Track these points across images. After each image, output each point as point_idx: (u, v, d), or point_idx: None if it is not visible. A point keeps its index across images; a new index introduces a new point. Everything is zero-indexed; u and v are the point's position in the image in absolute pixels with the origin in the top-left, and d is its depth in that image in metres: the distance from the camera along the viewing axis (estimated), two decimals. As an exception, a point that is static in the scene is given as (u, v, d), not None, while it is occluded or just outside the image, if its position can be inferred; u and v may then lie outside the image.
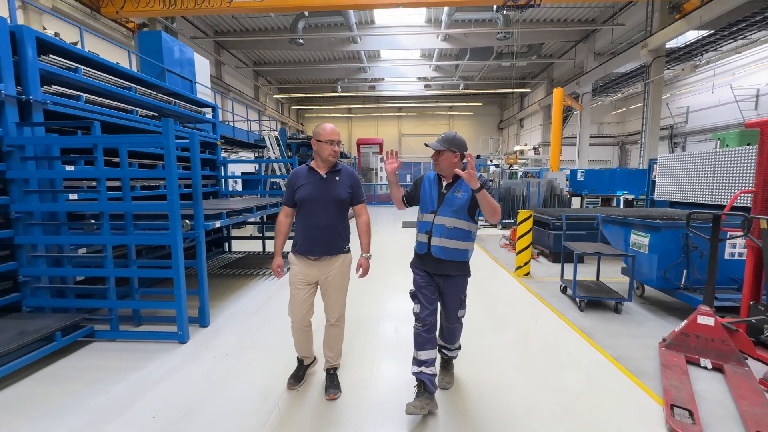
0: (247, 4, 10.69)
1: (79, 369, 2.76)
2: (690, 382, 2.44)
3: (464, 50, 16.48)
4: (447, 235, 2.18)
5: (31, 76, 3.17)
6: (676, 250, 3.53)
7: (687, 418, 2.08)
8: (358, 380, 2.61)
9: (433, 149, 2.19)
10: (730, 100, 14.30)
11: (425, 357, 2.22)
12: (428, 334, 2.24)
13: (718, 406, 2.28)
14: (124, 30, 11.91)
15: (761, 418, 2.06)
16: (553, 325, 3.53)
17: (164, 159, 3.01)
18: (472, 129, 27.25)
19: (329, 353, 2.49)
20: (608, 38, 15.27)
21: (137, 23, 12.26)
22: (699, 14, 10.54)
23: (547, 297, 4.32)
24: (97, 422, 2.16)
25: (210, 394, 2.43)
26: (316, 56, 18.46)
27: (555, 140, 10.28)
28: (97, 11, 10.90)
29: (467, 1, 10.53)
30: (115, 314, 3.23)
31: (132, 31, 12.13)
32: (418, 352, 2.25)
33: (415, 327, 2.29)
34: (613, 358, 2.88)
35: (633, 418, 2.18)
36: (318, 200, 2.27)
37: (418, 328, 2.27)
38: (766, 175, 2.81)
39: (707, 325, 2.71)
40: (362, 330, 3.44)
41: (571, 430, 2.07)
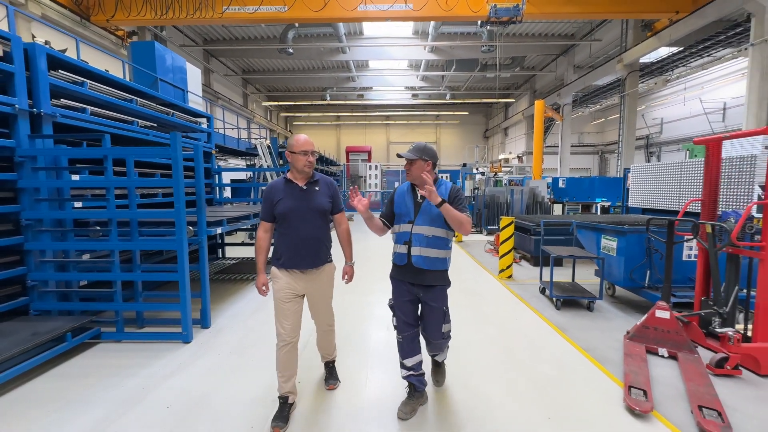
0: (239, 15, 10.95)
1: (91, 367, 2.95)
2: (647, 368, 2.80)
3: (450, 61, 17.06)
4: (426, 244, 2.19)
5: (42, 90, 3.37)
6: (640, 252, 3.93)
7: (641, 396, 2.42)
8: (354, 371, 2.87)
9: (406, 159, 2.23)
10: (699, 112, 15.22)
11: (411, 363, 2.31)
12: (411, 343, 2.30)
13: (670, 388, 2.63)
14: (113, 38, 11.99)
15: (702, 395, 2.42)
16: (532, 322, 3.87)
17: (172, 169, 3.24)
18: (459, 137, 27.93)
19: (325, 351, 2.62)
20: (587, 52, 16.08)
21: (126, 31, 12.35)
22: (668, 32, 11.32)
23: (527, 297, 4.67)
24: (116, 412, 2.36)
25: (218, 386, 2.65)
26: (305, 65, 18.78)
27: (537, 150, 10.80)
28: (87, 19, 10.97)
29: (452, 16, 11.04)
30: (120, 317, 3.42)
31: (122, 39, 12.23)
32: (403, 360, 2.33)
33: (398, 337, 2.34)
34: (582, 349, 3.22)
35: (597, 398, 2.51)
36: (301, 212, 2.26)
37: (399, 339, 2.33)
38: (711, 187, 3.23)
39: (664, 318, 3.08)
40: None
41: (544, 409, 2.38)
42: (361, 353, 3.20)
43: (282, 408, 2.31)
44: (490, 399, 2.49)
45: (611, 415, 2.32)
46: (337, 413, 2.37)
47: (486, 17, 10.72)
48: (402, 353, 2.32)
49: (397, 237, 2.31)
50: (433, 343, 2.35)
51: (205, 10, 10.80)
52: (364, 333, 3.65)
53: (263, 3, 10.67)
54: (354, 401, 2.50)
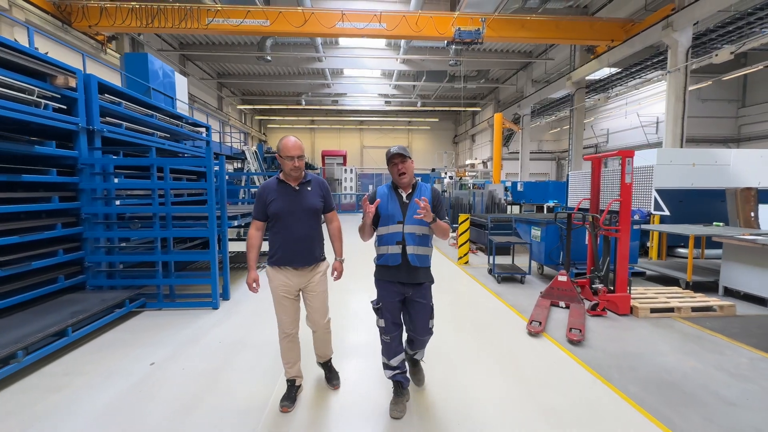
0: (223, 27, 11.82)
1: (147, 325, 3.97)
2: (547, 312, 4.21)
3: (421, 72, 18.59)
4: (418, 243, 2.32)
5: (94, 111, 4.35)
6: (555, 238, 5.40)
7: (537, 325, 3.80)
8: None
9: (399, 156, 2.30)
10: (637, 125, 17.61)
11: (396, 363, 2.42)
12: (395, 342, 2.41)
13: (559, 323, 4.03)
14: (93, 42, 12.48)
15: (575, 323, 3.82)
16: (478, 291, 5.23)
17: (206, 175, 4.32)
18: (430, 142, 29.65)
19: (320, 352, 2.71)
20: (543, 69, 18.12)
21: (106, 36, 12.85)
22: (607, 56, 13.35)
23: (477, 276, 6.05)
24: (184, 347, 3.44)
25: (249, 334, 3.77)
26: (281, 71, 19.67)
27: (496, 157, 12.42)
28: (69, 24, 11.47)
29: (422, 36, 12.48)
30: (160, 290, 4.43)
31: (101, 44, 12.72)
32: (389, 360, 2.43)
33: (383, 339, 2.42)
34: (510, 305, 4.61)
35: (512, 330, 3.86)
36: (294, 212, 2.36)
37: (386, 340, 2.41)
38: (595, 190, 4.73)
39: (563, 281, 4.51)
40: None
41: (479, 338, 3.69)
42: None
43: (290, 390, 2.53)
44: (442, 335, 3.77)
45: (519, 338, 3.68)
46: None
47: (451, 38, 12.24)
48: (388, 354, 2.42)
49: (387, 238, 2.35)
50: (419, 339, 2.47)
51: (190, 21, 11.59)
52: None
53: (247, 17, 11.63)
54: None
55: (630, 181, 4.08)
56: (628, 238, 4.14)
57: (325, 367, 2.78)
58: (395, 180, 2.40)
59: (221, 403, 2.58)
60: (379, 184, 25.09)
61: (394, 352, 2.42)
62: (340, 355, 3.15)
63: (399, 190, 2.41)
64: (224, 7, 11.57)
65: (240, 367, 3.08)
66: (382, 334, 2.44)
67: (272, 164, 11.44)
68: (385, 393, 2.67)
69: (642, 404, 2.56)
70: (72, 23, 11.43)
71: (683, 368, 3.07)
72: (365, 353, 3.32)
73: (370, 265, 2.58)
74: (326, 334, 2.63)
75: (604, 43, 12.94)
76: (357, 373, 2.99)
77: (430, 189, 2.43)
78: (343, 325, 3.94)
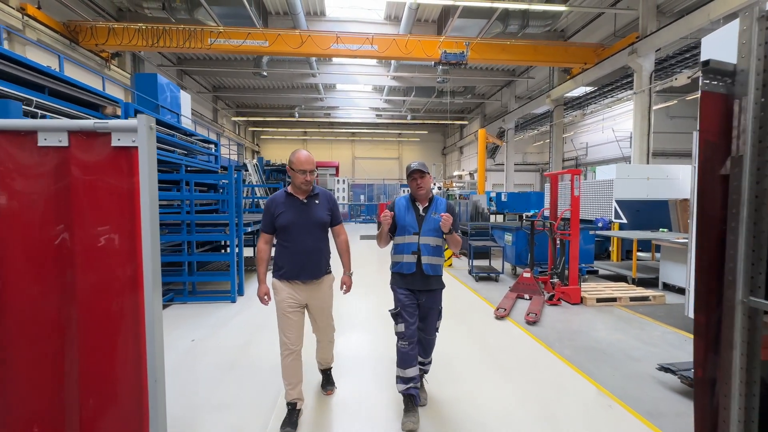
0: (224, 47, 12.76)
1: (179, 315, 4.79)
2: (513, 302, 5.15)
3: (410, 88, 19.79)
4: (432, 253, 2.48)
5: (132, 134, 5.20)
6: (524, 242, 6.38)
7: (503, 311, 4.73)
8: (347, 311, 4.92)
9: (423, 171, 2.46)
10: (613, 139, 19.01)
11: (412, 374, 2.46)
12: (413, 351, 2.48)
13: (522, 310, 4.97)
14: (98, 59, 13.27)
15: (533, 310, 4.76)
16: (458, 288, 6.17)
17: (215, 187, 5.19)
18: (419, 154, 30.83)
19: (323, 360, 2.85)
20: (525, 86, 19.48)
21: (110, 53, 13.65)
22: (581, 77, 14.65)
23: (459, 276, 7.00)
24: (215, 329, 4.28)
25: (267, 320, 4.59)
26: (275, 85, 20.66)
27: (480, 170, 13.51)
28: (76, 43, 12.27)
29: (411, 57, 13.60)
30: (186, 287, 5.24)
31: (105, 60, 13.51)
32: (404, 370, 2.46)
33: (401, 346, 2.47)
34: (484, 298, 5.55)
35: (484, 316, 4.79)
36: (301, 225, 2.41)
37: (404, 346, 2.46)
38: (553, 200, 5.73)
39: (527, 277, 5.47)
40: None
41: (457, 322, 4.59)
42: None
43: (290, 414, 2.47)
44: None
45: (487, 321, 4.61)
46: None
47: (438, 59, 13.39)
48: (404, 363, 2.47)
49: (403, 248, 2.50)
50: (427, 339, 2.65)
51: (193, 41, 12.50)
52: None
53: (248, 38, 12.59)
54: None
55: (578, 194, 5.09)
56: (577, 241, 5.13)
57: (324, 374, 2.92)
58: (413, 193, 2.56)
59: (253, 363, 3.44)
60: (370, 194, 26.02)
61: (410, 361, 2.46)
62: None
63: (416, 203, 2.56)
64: (226, 28, 12.52)
65: (263, 343, 3.93)
66: (399, 340, 2.49)
67: (270, 176, 12.30)
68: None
69: (571, 361, 3.50)
70: (80, 42, 12.22)
71: (610, 339, 4.03)
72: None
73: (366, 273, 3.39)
74: (329, 344, 2.77)
75: (578, 65, 14.26)
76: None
77: (446, 204, 2.59)
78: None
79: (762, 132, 1.30)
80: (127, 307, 1.40)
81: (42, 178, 1.34)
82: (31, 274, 1.36)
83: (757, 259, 1.32)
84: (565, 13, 13.34)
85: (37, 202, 1.35)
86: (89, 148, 1.35)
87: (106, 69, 13.38)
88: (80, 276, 1.37)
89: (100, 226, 1.38)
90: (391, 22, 15.03)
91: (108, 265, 1.39)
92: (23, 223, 1.35)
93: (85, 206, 1.36)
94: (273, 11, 14.11)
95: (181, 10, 12.25)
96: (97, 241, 1.37)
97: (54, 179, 1.35)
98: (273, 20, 14.24)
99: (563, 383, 3.15)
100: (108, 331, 1.40)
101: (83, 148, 1.34)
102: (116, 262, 1.39)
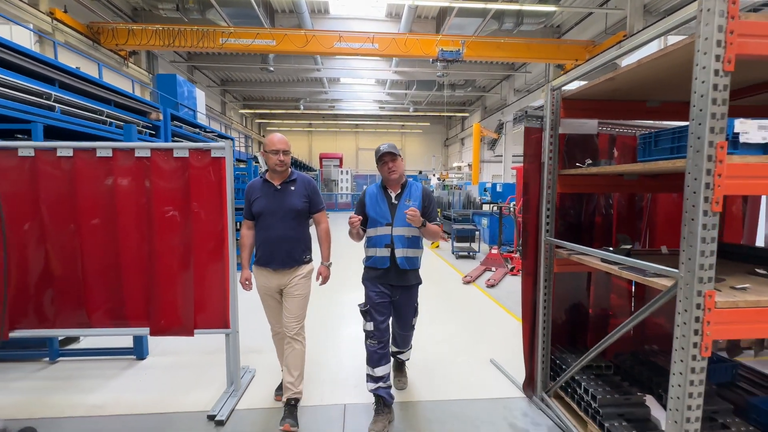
0: (235, 46, 13.95)
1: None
2: (480, 272, 6.41)
3: (412, 81, 20.83)
4: (408, 245, 2.35)
5: (168, 133, 6.47)
6: (496, 225, 7.61)
7: (469, 278, 6.00)
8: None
9: (394, 154, 2.34)
10: (608, 132, 19.93)
11: (381, 373, 2.36)
12: (383, 350, 2.39)
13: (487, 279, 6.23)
14: (117, 57, 14.54)
15: (494, 277, 6.00)
16: (440, 264, 7.45)
17: (247, 179, 6.46)
18: (422, 145, 31.90)
19: (289, 378, 2.42)
20: (524, 80, 20.42)
21: (128, 51, 14.91)
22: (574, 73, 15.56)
23: (443, 255, 8.28)
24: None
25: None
26: (281, 79, 21.82)
27: (475, 162, 14.67)
28: (98, 43, 13.53)
29: (409, 55, 14.68)
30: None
31: (124, 59, 14.77)
32: (373, 369, 2.36)
33: (369, 344, 2.38)
34: (459, 270, 6.82)
35: (455, 283, 6.07)
36: (273, 212, 2.38)
37: (372, 345, 2.36)
38: (518, 190, 6.93)
39: (495, 254, 6.71)
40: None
41: (433, 287, 5.86)
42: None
43: (291, 409, 2.39)
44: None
45: (457, 286, 5.88)
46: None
47: (435, 57, 14.47)
48: (372, 362, 2.37)
49: (375, 240, 2.39)
50: (402, 334, 2.60)
51: (206, 41, 13.71)
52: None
53: (257, 38, 13.77)
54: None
55: (536, 184, 6.30)
56: (535, 223, 6.36)
57: (288, 405, 2.41)
58: (385, 178, 2.43)
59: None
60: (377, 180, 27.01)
61: (379, 360, 2.37)
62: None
63: (388, 190, 2.44)
64: (236, 29, 13.70)
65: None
66: (367, 339, 2.41)
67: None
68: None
69: (510, 309, 4.76)
70: (101, 42, 13.49)
71: (548, 297, 5.29)
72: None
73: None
74: (298, 345, 2.45)
75: (570, 62, 15.22)
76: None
77: (421, 188, 2.45)
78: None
79: (552, 148, 2.52)
80: (218, 249, 2.66)
81: (174, 175, 2.61)
82: (169, 228, 2.64)
83: (551, 217, 2.55)
84: (558, 11, 14.28)
85: (171, 190, 2.61)
86: (200, 158, 2.61)
87: (124, 67, 14.68)
88: (196, 229, 2.64)
89: (200, 202, 2.63)
90: (392, 19, 16.06)
91: (207, 225, 2.65)
92: (165, 200, 2.62)
93: (195, 191, 2.62)
94: (279, 9, 15.23)
95: (194, 11, 13.44)
96: (204, 211, 2.63)
97: (180, 176, 2.61)
98: (279, 18, 15.37)
99: (498, 321, 4.44)
100: (207, 261, 2.67)
101: (196, 158, 2.61)
102: (213, 224, 2.65)
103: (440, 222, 2.56)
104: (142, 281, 2.64)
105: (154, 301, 2.63)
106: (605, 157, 2.80)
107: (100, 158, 2.54)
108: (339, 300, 5.00)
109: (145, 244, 2.62)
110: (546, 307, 2.62)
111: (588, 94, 2.44)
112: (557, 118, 2.55)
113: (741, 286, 1.64)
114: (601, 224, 2.84)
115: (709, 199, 1.42)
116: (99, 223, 2.60)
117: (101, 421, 2.45)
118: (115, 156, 2.56)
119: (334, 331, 4.08)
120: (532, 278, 2.71)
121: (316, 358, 3.33)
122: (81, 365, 3.16)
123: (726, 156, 1.41)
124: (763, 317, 1.49)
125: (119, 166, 2.57)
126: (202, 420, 2.44)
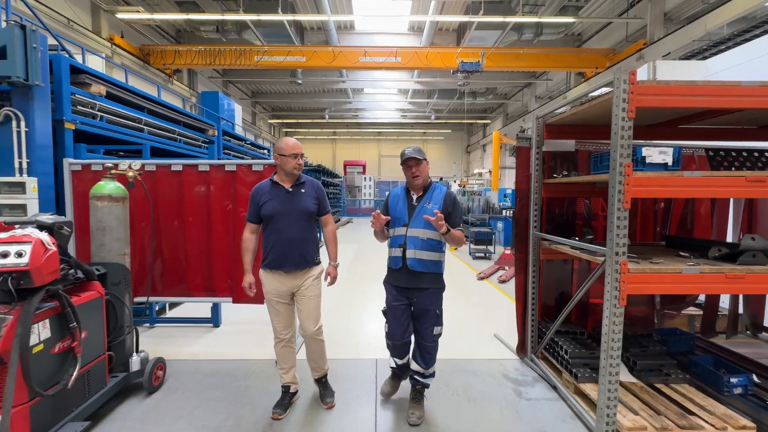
0: (268, 63, 15.24)
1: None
2: (493, 270, 7.13)
3: (434, 90, 21.69)
4: (421, 247, 2.39)
5: (219, 150, 7.57)
6: (510, 228, 8.29)
7: (483, 275, 6.75)
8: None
9: (419, 159, 2.42)
10: (632, 138, 20.06)
11: (400, 363, 2.68)
12: (401, 349, 2.60)
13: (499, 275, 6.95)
14: (163, 75, 16.10)
15: (506, 275, 6.72)
16: (459, 264, 8.22)
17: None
18: (444, 152, 32.62)
19: (314, 364, 2.70)
20: (545, 87, 20.90)
21: (173, 69, 16.46)
22: (595, 80, 16.04)
23: (461, 256, 9.04)
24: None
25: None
26: (308, 90, 23.17)
27: (494, 169, 15.30)
28: (148, 63, 15.09)
29: (431, 67, 15.57)
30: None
31: (169, 76, 16.32)
32: (393, 358, 2.66)
33: (387, 344, 2.59)
34: (474, 269, 7.56)
35: (470, 279, 6.82)
36: (286, 214, 2.45)
37: (389, 345, 2.58)
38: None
39: (508, 254, 7.42)
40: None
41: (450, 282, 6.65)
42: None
43: (283, 396, 2.63)
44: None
45: (471, 281, 6.64)
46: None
47: (456, 68, 15.28)
48: (392, 353, 2.66)
49: (392, 241, 2.48)
50: (425, 345, 2.53)
51: (243, 59, 15.08)
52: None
53: (288, 55, 15.02)
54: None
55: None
56: (545, 226, 7.04)
57: (320, 383, 2.78)
58: (409, 182, 2.50)
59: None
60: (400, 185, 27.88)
61: (398, 353, 2.63)
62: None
63: (411, 193, 2.51)
64: (270, 47, 15.00)
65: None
66: (386, 339, 2.58)
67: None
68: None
69: (517, 300, 5.48)
70: (150, 62, 15.06)
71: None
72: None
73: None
74: (317, 343, 2.64)
75: (590, 69, 15.69)
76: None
77: (444, 192, 2.48)
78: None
79: (537, 162, 3.31)
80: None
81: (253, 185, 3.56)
82: (222, 221, 3.58)
83: (538, 216, 3.33)
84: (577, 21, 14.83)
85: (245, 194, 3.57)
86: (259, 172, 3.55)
87: (169, 83, 16.26)
88: (239, 221, 3.54)
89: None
90: (415, 32, 17.01)
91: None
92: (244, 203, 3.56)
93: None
94: (308, 27, 16.48)
95: (232, 32, 14.80)
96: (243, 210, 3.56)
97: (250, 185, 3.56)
98: (308, 35, 16.62)
99: (505, 308, 5.20)
100: (235, 239, 3.59)
101: (269, 171, 3.55)
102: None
103: (463, 228, 2.63)
104: (226, 263, 3.60)
105: (234, 278, 3.58)
106: (584, 170, 3.56)
107: (200, 171, 3.54)
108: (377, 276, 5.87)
109: (228, 235, 3.59)
110: (534, 287, 3.40)
111: (564, 121, 3.22)
112: (541, 139, 3.34)
113: (657, 260, 2.40)
114: (579, 222, 3.60)
115: (622, 200, 2.20)
116: (195, 220, 3.58)
117: (201, 363, 3.41)
118: (211, 170, 3.55)
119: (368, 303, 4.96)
120: (523, 264, 3.50)
121: (351, 324, 4.19)
122: (173, 330, 4.16)
123: (632, 172, 2.19)
124: (662, 279, 2.25)
125: (213, 178, 3.56)
126: (272, 365, 3.34)
